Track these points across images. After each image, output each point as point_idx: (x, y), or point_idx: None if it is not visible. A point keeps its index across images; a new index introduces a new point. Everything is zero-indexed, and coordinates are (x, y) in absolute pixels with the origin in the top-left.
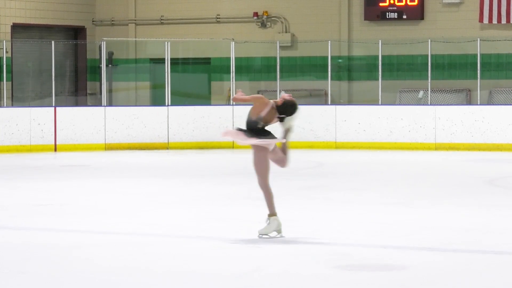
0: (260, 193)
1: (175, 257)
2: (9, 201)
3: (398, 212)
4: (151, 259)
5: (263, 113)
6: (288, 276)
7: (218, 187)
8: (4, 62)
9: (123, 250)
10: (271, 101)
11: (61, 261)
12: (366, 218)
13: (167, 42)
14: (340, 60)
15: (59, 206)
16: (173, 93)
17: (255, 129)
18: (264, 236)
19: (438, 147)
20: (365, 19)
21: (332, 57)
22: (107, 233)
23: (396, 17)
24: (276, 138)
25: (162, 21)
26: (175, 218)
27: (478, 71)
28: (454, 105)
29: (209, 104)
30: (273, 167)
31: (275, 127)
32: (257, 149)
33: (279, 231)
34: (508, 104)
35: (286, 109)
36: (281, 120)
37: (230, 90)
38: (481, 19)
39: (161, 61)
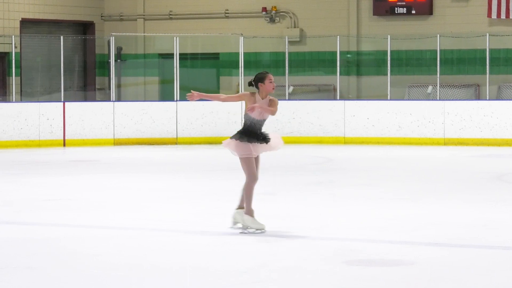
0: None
1: (182, 253)
2: (18, 196)
3: (406, 207)
4: (157, 254)
5: (251, 112)
6: (295, 271)
7: (226, 183)
8: (13, 57)
9: (130, 246)
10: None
11: (67, 257)
12: (374, 214)
13: (176, 37)
14: (349, 55)
15: (67, 201)
16: (181, 88)
17: (253, 133)
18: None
19: (447, 142)
20: (374, 14)
21: (341, 52)
22: (114, 228)
23: (405, 12)
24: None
25: (170, 16)
26: (183, 214)
27: (487, 66)
28: (463, 100)
29: None
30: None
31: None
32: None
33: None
34: None
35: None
36: (250, 84)
37: (239, 85)
38: (489, 14)
39: (170, 56)
